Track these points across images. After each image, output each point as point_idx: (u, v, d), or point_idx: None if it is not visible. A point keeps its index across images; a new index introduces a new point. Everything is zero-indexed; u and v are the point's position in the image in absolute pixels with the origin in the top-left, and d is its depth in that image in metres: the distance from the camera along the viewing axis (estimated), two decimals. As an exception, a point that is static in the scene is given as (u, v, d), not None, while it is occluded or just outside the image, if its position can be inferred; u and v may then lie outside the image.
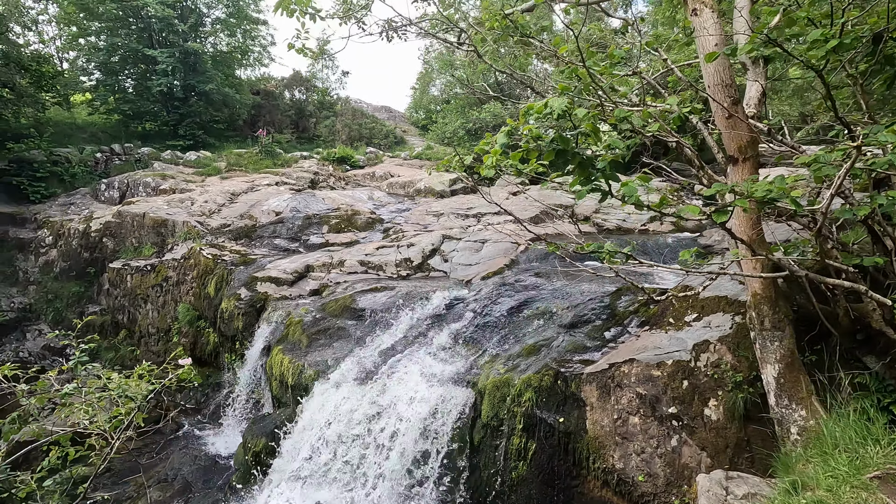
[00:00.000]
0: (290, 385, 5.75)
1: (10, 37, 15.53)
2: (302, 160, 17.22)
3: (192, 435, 6.97)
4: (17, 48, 14.78)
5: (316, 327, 6.49)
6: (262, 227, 10.76)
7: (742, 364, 3.78)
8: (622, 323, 5.10)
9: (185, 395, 8.23)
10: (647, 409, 3.97)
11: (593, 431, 4.15)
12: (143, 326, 9.40)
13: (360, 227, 10.99)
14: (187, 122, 16.99)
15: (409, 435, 4.67)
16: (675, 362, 3.98)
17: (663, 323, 4.58)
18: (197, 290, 8.72)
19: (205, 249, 9.04)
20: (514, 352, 5.16)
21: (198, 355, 8.60)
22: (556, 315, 5.67)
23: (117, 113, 17.81)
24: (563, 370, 4.48)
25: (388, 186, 15.04)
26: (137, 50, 16.37)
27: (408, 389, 4.96)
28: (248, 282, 7.87)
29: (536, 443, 4.46)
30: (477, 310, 6.15)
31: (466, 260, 8.62)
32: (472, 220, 11.36)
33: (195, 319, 8.60)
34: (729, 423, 3.73)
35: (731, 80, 3.03)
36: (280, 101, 20.90)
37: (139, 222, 10.48)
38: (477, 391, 4.86)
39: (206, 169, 14.55)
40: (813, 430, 3.03)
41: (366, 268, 8.46)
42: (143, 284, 9.42)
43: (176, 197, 12.00)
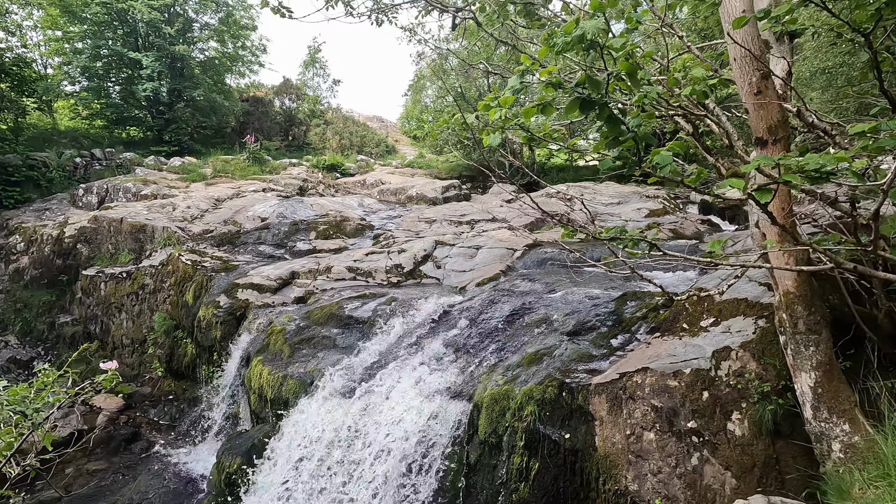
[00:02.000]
0: (269, 399, 5.28)
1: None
2: (291, 167, 16.83)
3: (164, 454, 6.44)
4: None
5: (299, 336, 6.04)
6: (246, 234, 10.31)
7: (769, 373, 3.41)
8: (630, 329, 4.73)
9: (160, 410, 7.69)
10: (663, 423, 3.57)
11: (603, 449, 3.74)
12: (116, 337, 8.85)
13: (349, 234, 10.58)
14: (173, 127, 16.55)
15: (397, 454, 4.22)
16: (693, 371, 3.60)
17: (676, 329, 4.21)
18: (174, 298, 8.22)
19: (184, 255, 8.56)
20: (514, 361, 4.75)
21: (174, 367, 8.08)
22: (557, 322, 5.28)
23: (101, 118, 17.34)
24: (569, 381, 4.08)
25: (378, 193, 14.67)
26: (122, 54, 15.97)
27: (398, 403, 4.52)
28: (228, 289, 7.41)
29: (540, 461, 4.04)
30: (472, 317, 5.75)
31: (460, 266, 8.24)
32: (466, 227, 11.00)
33: (172, 329, 8.09)
34: (755, 439, 3.34)
35: (760, 51, 2.71)
36: (270, 109, 20.55)
37: (116, 228, 9.98)
38: (473, 404, 4.43)
39: (190, 175, 14.10)
40: (860, 447, 2.65)
41: (354, 274, 8.04)
42: (117, 292, 8.90)
43: (157, 202, 11.52)
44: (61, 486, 5.83)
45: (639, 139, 1.67)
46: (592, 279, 6.73)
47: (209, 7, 17.34)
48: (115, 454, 6.55)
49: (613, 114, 1.57)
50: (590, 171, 20.40)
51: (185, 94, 16.68)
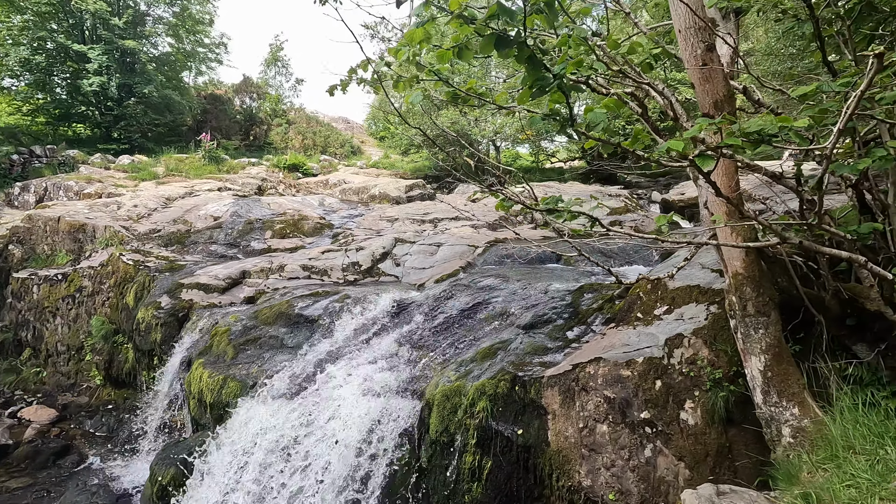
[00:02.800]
0: (208, 403, 4.92)
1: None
2: (250, 167, 16.27)
3: (97, 468, 5.95)
4: None
5: (245, 337, 5.69)
6: (197, 233, 9.81)
7: (720, 359, 3.33)
8: (586, 321, 4.61)
9: (97, 421, 7.15)
10: (616, 414, 3.44)
11: (556, 444, 3.58)
12: (50, 344, 8.23)
13: (307, 233, 10.21)
14: (122, 124, 15.75)
15: (343, 457, 3.96)
16: (646, 360, 3.48)
17: (630, 318, 4.11)
18: (114, 300, 7.70)
19: (126, 255, 8.04)
20: (468, 356, 4.56)
21: (114, 375, 7.56)
22: (513, 316, 5.13)
23: (44, 114, 16.36)
24: (522, 374, 3.91)
25: (341, 193, 14.32)
26: (67, 47, 15.11)
27: (344, 404, 4.26)
28: (171, 289, 6.96)
29: (492, 460, 3.85)
30: (427, 312, 5.54)
31: (420, 264, 8.02)
32: (429, 226, 10.80)
33: (111, 334, 7.56)
34: (708, 428, 3.25)
35: (705, 23, 2.61)
36: (229, 107, 19.88)
37: (53, 227, 9.32)
38: (425, 402, 4.21)
39: (140, 174, 13.41)
40: (810, 430, 2.57)
41: (309, 273, 7.71)
42: (52, 296, 8.28)
43: (101, 201, 10.86)
44: (-24, 507, 5.28)
45: (566, 88, 1.51)
46: (553, 274, 6.65)
47: (162, 0, 16.64)
48: (41, 469, 6.02)
49: (534, 54, 1.41)
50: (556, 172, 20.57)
51: (136, 90, 15.91)
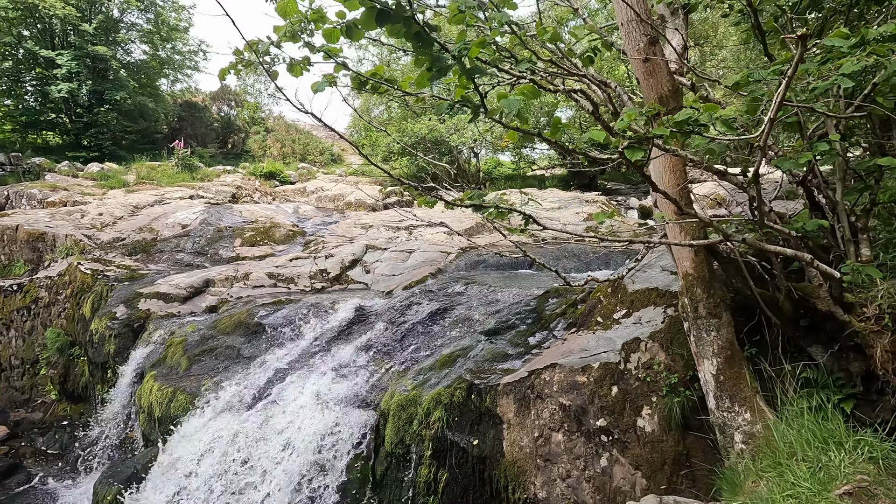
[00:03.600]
0: (157, 417, 4.69)
1: None
2: (225, 174, 15.98)
3: (43, 488, 5.64)
4: None
5: (201, 347, 5.47)
6: (163, 241, 9.54)
7: (677, 363, 3.23)
8: (548, 326, 4.50)
9: (49, 438, 6.82)
10: (571, 423, 3.32)
11: (511, 454, 3.44)
12: (3, 358, 7.86)
13: (278, 241, 9.99)
14: (93, 132, 15.39)
15: (294, 472, 3.76)
16: (602, 365, 3.37)
17: (591, 323, 4.01)
18: (70, 311, 7.40)
19: (84, 264, 7.75)
20: (427, 365, 4.41)
21: (70, 389, 7.23)
22: (477, 322, 5.00)
23: (10, 121, 15.93)
24: (479, 382, 3.78)
25: (316, 200, 14.12)
26: (35, 53, 14.76)
27: (296, 416, 4.07)
28: (129, 299, 6.70)
29: (448, 472, 3.69)
30: (390, 320, 5.38)
31: (391, 270, 7.87)
32: (404, 233, 10.65)
33: (67, 346, 7.25)
34: (665, 435, 3.14)
35: (647, 15, 2.53)
36: (205, 115, 19.59)
37: (10, 236, 8.97)
38: (380, 413, 4.05)
39: (109, 181, 13.07)
40: (761, 436, 2.47)
41: (275, 281, 7.50)
42: (6, 307, 7.93)
43: (64, 210, 10.52)
44: None
45: (469, 72, 1.39)
46: (524, 280, 6.55)
47: (135, 6, 16.37)
48: (-16, 491, 5.68)
49: (423, 30, 1.28)
50: (537, 179, 20.62)
51: (107, 97, 15.58)
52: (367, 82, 1.67)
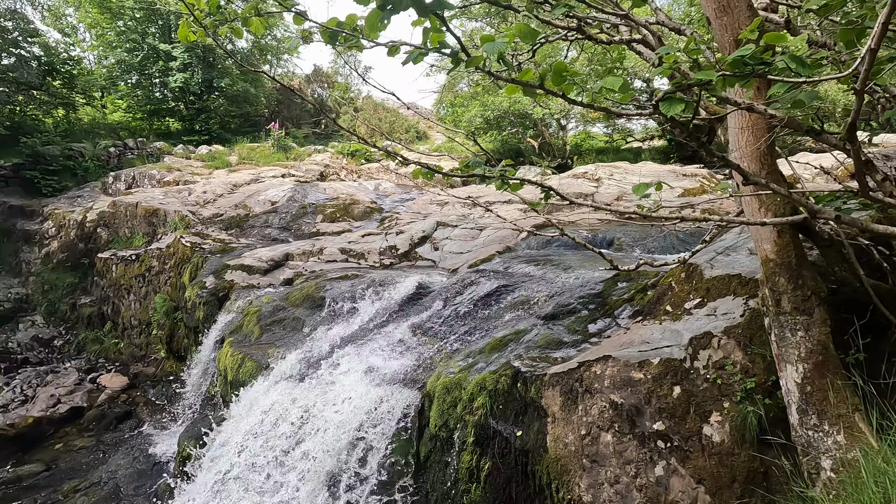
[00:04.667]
0: (230, 381, 5.04)
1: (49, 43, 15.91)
2: (315, 154, 16.80)
3: (147, 434, 6.41)
4: (54, 53, 15.06)
5: (272, 318, 5.78)
6: (254, 217, 10.26)
7: (756, 365, 2.71)
8: (612, 313, 4.07)
9: (158, 390, 7.73)
10: (623, 423, 2.94)
11: (555, 450, 3.16)
12: (126, 318, 9.04)
13: (356, 217, 10.29)
14: (203, 117, 16.94)
15: (340, 443, 3.82)
16: (663, 361, 2.94)
17: (658, 312, 3.53)
18: (174, 279, 8.24)
19: (185, 237, 8.57)
20: (477, 347, 4.22)
21: (174, 349, 8.11)
22: (536, 304, 4.69)
23: (140, 110, 18.05)
24: (525, 370, 3.51)
25: (397, 177, 14.33)
26: (156, 47, 16.47)
27: (348, 389, 4.11)
28: (218, 270, 7.28)
29: (491, 461, 3.51)
30: (448, 298, 5.24)
31: (459, 248, 7.73)
32: (481, 210, 10.43)
33: (171, 311, 8.11)
34: (737, 448, 2.66)
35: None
36: (300, 97, 20.66)
37: (132, 212, 10.20)
38: (425, 394, 3.95)
39: (215, 162, 14.33)
40: (858, 466, 1.96)
41: (347, 256, 7.71)
42: (127, 274, 9.07)
43: (175, 188, 11.73)
44: (47, 461, 5.89)
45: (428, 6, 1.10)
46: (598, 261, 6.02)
47: (238, -3, 17.52)
48: (105, 432, 6.61)
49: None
50: (632, 152, 19.15)
51: (215, 84, 17.00)
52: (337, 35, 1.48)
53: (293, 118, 19.80)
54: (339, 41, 1.49)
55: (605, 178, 11.90)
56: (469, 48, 1.34)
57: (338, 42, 1.49)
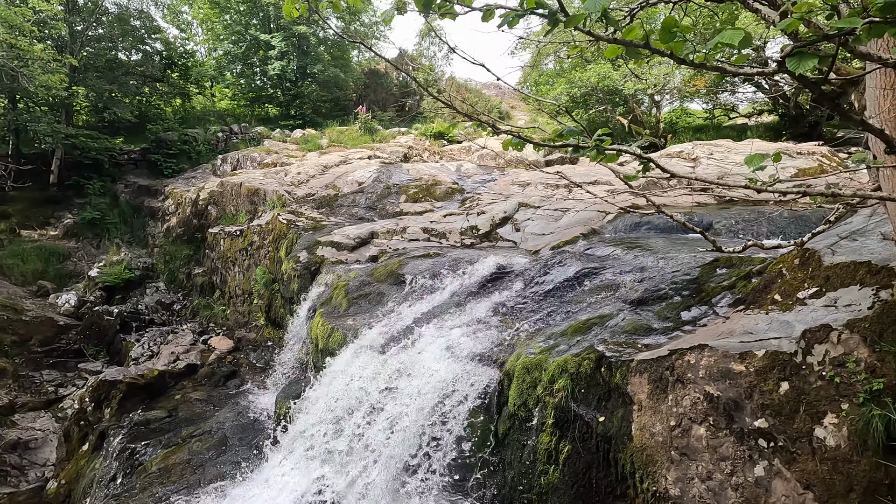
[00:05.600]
0: (320, 349, 5.40)
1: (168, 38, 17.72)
2: (399, 136, 17.20)
3: (249, 392, 7.09)
4: (173, 48, 16.78)
5: (359, 292, 6.07)
6: (342, 197, 10.77)
7: (887, 365, 2.39)
8: (709, 301, 3.77)
9: (258, 354, 8.49)
10: (719, 417, 2.74)
11: (640, 440, 3.03)
12: (231, 287, 9.97)
13: (438, 197, 10.42)
14: (297, 102, 17.97)
15: (420, 416, 3.96)
16: (769, 354, 2.68)
17: (765, 301, 3.22)
18: (272, 253, 8.92)
19: (282, 215, 9.21)
20: (558, 330, 4.13)
21: (272, 317, 8.83)
22: (623, 289, 4.48)
23: (244, 98, 19.55)
24: (610, 354, 3.38)
25: (479, 158, 14.27)
26: (257, 37, 17.66)
27: (425, 363, 4.24)
28: (310, 246, 7.77)
29: (570, 445, 3.45)
30: (529, 280, 5.17)
31: (541, 229, 7.57)
32: (563, 191, 10.11)
33: (270, 282, 8.81)
34: (857, 454, 2.38)
35: None
36: (385, 80, 21.20)
37: (236, 191, 11.14)
38: (504, 373, 3.96)
39: (307, 145, 15.19)
40: None
41: (428, 235, 7.86)
42: (232, 248, 9.97)
43: (273, 169, 12.61)
44: (168, 408, 6.73)
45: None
46: (691, 246, 5.62)
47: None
48: (215, 387, 7.40)
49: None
50: (736, 129, 17.49)
51: (308, 71, 17.93)
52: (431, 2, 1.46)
53: (379, 101, 20.38)
54: (433, 9, 1.49)
55: (704, 158, 10.99)
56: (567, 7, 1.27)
57: (431, 10, 1.49)
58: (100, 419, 6.55)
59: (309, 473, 4.15)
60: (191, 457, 5.41)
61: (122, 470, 5.49)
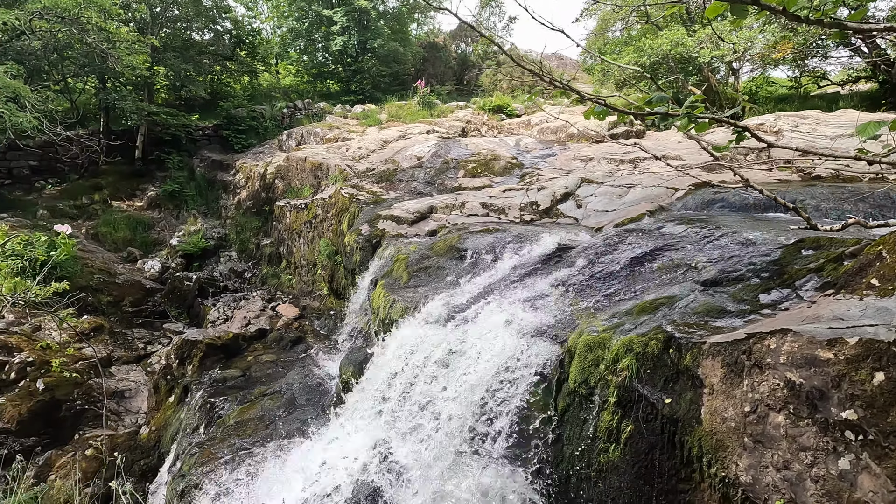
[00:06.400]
0: (381, 319, 5.58)
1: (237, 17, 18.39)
2: (458, 110, 17.06)
3: (315, 357, 7.48)
4: (241, 26, 17.42)
5: (418, 265, 6.18)
6: (401, 172, 10.90)
7: None
8: (792, 284, 3.53)
9: (322, 322, 8.91)
10: (801, 406, 2.59)
11: (710, 424, 2.93)
12: (296, 258, 10.45)
13: (496, 172, 10.31)
14: (358, 78, 18.20)
15: (479, 386, 4.03)
16: (863, 342, 2.48)
17: (859, 285, 2.96)
18: (335, 226, 9.24)
19: (344, 189, 9.48)
20: (624, 308, 4.03)
21: (335, 287, 9.20)
22: (694, 269, 4.28)
23: (307, 74, 20.04)
24: (679, 336, 3.26)
25: (539, 132, 13.90)
26: (320, 13, 17.92)
27: (486, 337, 4.28)
28: (371, 219, 7.96)
29: (633, 424, 3.40)
30: (592, 257, 5.05)
31: (604, 206, 7.33)
32: (628, 166, 9.70)
33: (332, 254, 9.16)
34: (962, 455, 2.18)
35: None
36: (444, 54, 20.95)
37: (301, 166, 11.56)
38: (566, 349, 3.93)
39: (367, 120, 15.41)
40: None
41: (487, 210, 7.83)
42: (297, 220, 10.42)
43: (335, 144, 12.94)
44: (242, 368, 7.25)
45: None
46: (772, 225, 5.27)
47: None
48: (283, 351, 7.87)
49: None
50: (826, 99, 15.94)
51: (368, 46, 18.04)
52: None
53: (437, 75, 20.23)
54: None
55: (787, 131, 10.15)
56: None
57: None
58: (183, 375, 7.17)
59: (371, 436, 4.36)
60: (263, 413, 5.83)
61: (203, 421, 6.02)
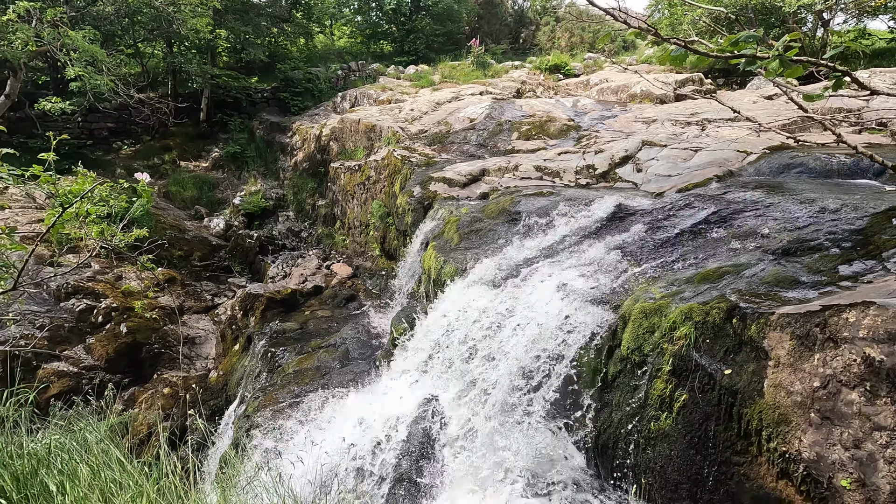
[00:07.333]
0: (432, 279, 5.66)
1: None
2: (513, 70, 16.47)
3: (367, 314, 7.75)
4: None
5: (470, 227, 6.17)
6: (454, 134, 10.76)
7: None
8: (878, 255, 3.25)
9: (374, 281, 9.17)
10: (878, 383, 2.42)
11: (773, 397, 2.80)
12: (350, 219, 10.71)
13: (551, 135, 9.97)
14: (411, 38, 17.87)
15: (528, 349, 4.04)
16: (960, 319, 2.26)
17: (960, 257, 2.67)
18: (387, 188, 9.33)
19: (397, 151, 9.50)
20: (683, 276, 3.86)
21: (386, 248, 9.39)
22: (765, 238, 4.02)
23: (360, 35, 19.91)
24: (745, 305, 3.10)
25: (598, 93, 13.22)
26: (374, -30, 17.59)
27: (537, 299, 4.25)
28: (423, 181, 7.97)
29: (688, 394, 3.32)
30: (651, 223, 4.84)
31: (667, 171, 6.95)
32: (694, 128, 9.09)
33: (385, 216, 9.30)
34: None
35: None
36: (500, 10, 20.12)
37: (355, 128, 11.66)
38: (619, 315, 3.84)
39: (420, 81, 15.21)
40: None
41: (541, 174, 7.63)
42: (351, 182, 10.60)
43: (388, 106, 12.90)
44: (300, 322, 7.64)
45: None
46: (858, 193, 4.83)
47: None
48: (337, 308, 8.20)
49: None
50: (933, 54, 14.15)
51: (422, 3, 17.60)
52: None
53: (492, 33, 19.52)
54: None
55: (883, 89, 9.10)
56: None
57: None
58: (247, 325, 7.65)
59: (421, 390, 4.51)
60: (319, 364, 6.15)
61: (265, 368, 6.44)
